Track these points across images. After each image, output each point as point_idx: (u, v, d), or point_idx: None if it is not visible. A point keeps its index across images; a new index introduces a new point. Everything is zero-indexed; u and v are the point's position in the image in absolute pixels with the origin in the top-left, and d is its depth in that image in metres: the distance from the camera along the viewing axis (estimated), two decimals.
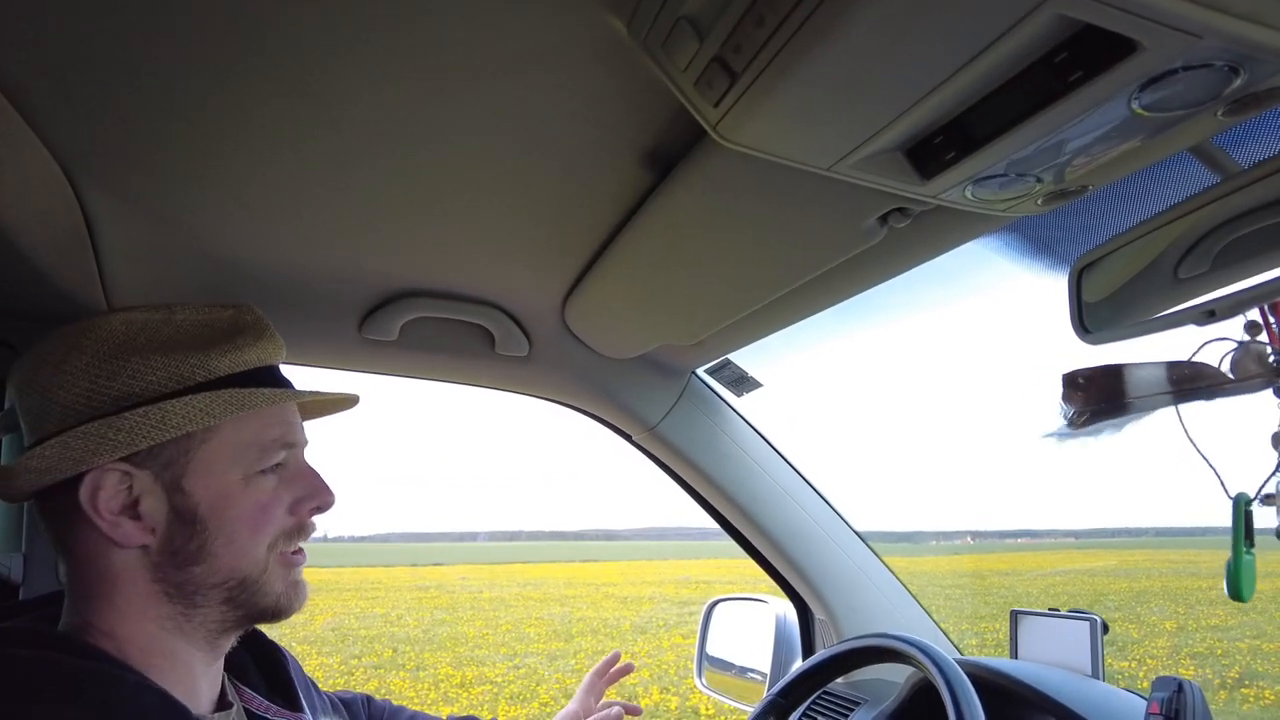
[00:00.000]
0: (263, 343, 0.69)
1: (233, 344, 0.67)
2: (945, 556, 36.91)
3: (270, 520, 0.66)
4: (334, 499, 0.70)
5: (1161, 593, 15.64)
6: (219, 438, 0.64)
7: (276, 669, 0.78)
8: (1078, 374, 0.69)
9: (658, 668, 9.68)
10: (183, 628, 0.64)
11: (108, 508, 0.62)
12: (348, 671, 9.55)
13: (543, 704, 8.12)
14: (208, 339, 0.67)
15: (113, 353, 0.63)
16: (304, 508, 0.69)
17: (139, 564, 0.63)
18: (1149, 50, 0.43)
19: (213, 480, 0.64)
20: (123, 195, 0.80)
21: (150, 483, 0.63)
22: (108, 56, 0.59)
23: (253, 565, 0.65)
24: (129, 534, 0.62)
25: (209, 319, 0.68)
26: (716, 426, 1.36)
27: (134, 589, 0.63)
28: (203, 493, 0.63)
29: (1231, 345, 0.63)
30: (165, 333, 0.65)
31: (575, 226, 0.89)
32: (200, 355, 0.65)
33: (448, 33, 0.57)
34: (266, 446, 0.66)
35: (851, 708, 1.19)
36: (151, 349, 0.64)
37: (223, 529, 0.64)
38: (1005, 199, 0.63)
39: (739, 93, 0.52)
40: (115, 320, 0.65)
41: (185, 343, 0.65)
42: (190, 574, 0.63)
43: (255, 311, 0.72)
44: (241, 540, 0.64)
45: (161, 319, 0.66)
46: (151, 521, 0.63)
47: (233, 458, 0.65)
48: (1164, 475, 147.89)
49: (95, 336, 0.64)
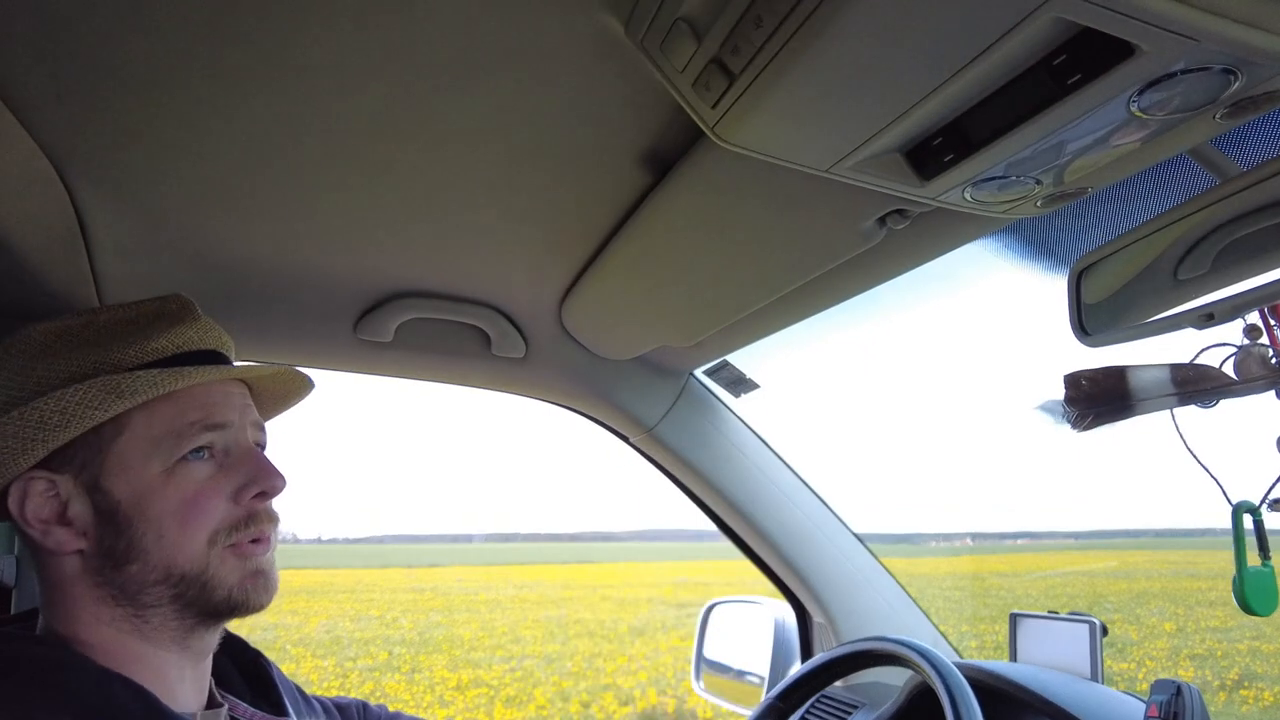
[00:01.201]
0: (178, 329, 0.66)
1: (142, 334, 0.64)
2: (944, 558, 36.92)
3: (202, 510, 0.63)
4: (282, 482, 0.66)
5: (1161, 594, 15.66)
6: (130, 431, 0.62)
7: (260, 674, 0.77)
8: (1080, 375, 0.69)
9: (655, 670, 9.68)
10: (141, 630, 0.63)
11: (36, 516, 0.61)
12: (343, 674, 9.53)
13: (539, 706, 8.11)
14: (121, 334, 0.65)
15: (24, 363, 0.63)
16: (246, 494, 0.65)
17: (81, 569, 0.62)
18: (1147, 53, 0.43)
19: (130, 475, 0.62)
20: (115, 193, 0.79)
21: (72, 486, 0.62)
22: (101, 54, 0.59)
23: (190, 561, 0.62)
24: (61, 541, 0.61)
25: (133, 314, 0.67)
26: (714, 428, 1.36)
27: (82, 594, 0.62)
28: (122, 490, 0.61)
29: (1232, 349, 0.62)
30: (84, 335, 0.64)
31: (572, 227, 0.89)
32: (104, 350, 0.63)
33: (443, 31, 0.57)
34: (183, 432, 0.63)
35: (850, 711, 1.19)
36: (61, 352, 0.63)
37: (149, 525, 0.61)
38: (1004, 201, 0.63)
39: (737, 94, 0.52)
40: (40, 328, 0.65)
41: (98, 341, 0.64)
42: (128, 573, 0.62)
43: (182, 299, 0.69)
44: (172, 535, 0.62)
45: (83, 322, 0.65)
46: (81, 526, 0.62)
47: (148, 450, 0.62)
48: (1163, 477, 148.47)
49: (17, 347, 0.64)
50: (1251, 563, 0.64)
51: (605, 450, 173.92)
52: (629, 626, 13.41)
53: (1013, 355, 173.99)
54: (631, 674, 9.54)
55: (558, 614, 15.32)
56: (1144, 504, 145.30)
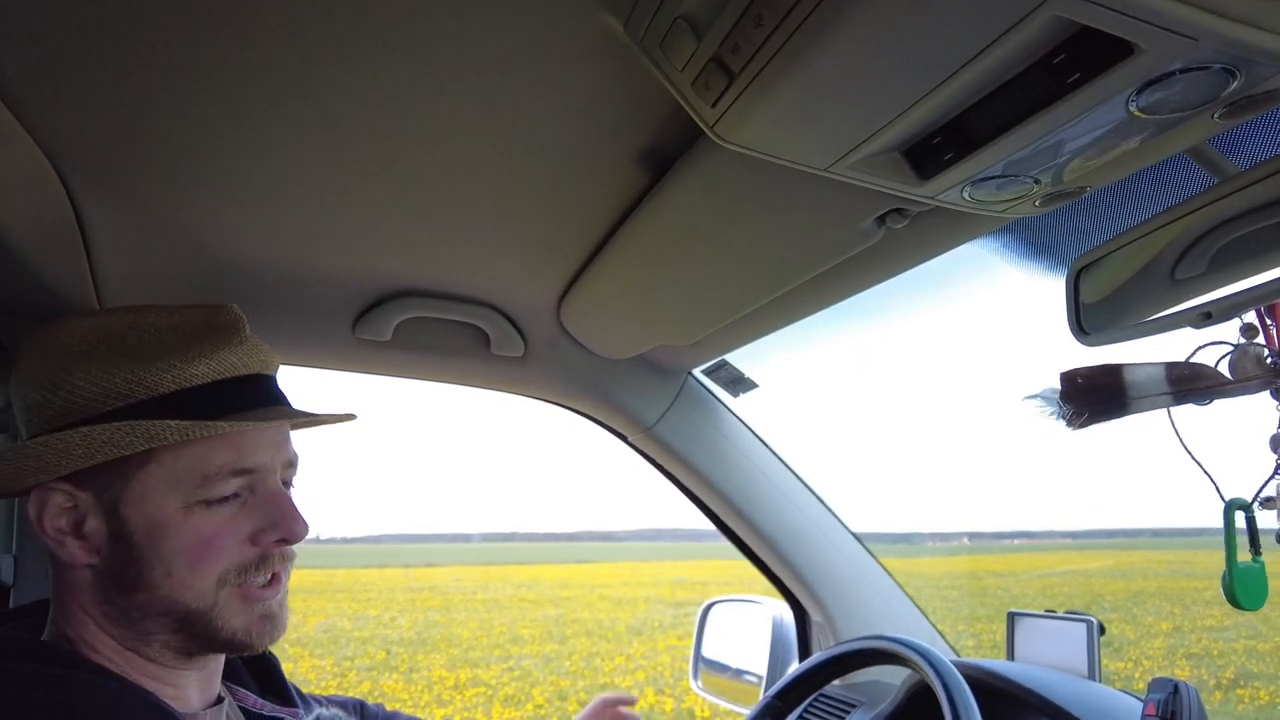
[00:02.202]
0: (223, 353, 0.64)
1: (183, 357, 0.62)
2: (942, 557, 37.00)
3: (216, 553, 0.61)
4: (304, 529, 0.64)
5: (1157, 593, 15.69)
6: (157, 462, 0.60)
7: (269, 670, 0.78)
8: (1076, 373, 0.69)
9: (653, 669, 9.68)
10: (141, 650, 0.62)
11: (53, 525, 0.61)
12: (340, 674, 9.52)
13: (537, 706, 8.10)
14: (163, 351, 0.62)
15: (60, 364, 0.62)
16: (266, 538, 0.63)
17: (91, 582, 0.62)
18: (1146, 52, 0.43)
19: (148, 507, 0.60)
20: (114, 192, 0.79)
21: (91, 504, 0.61)
22: (99, 52, 0.59)
23: (198, 599, 0.61)
24: (73, 553, 0.61)
25: (181, 322, 0.65)
26: (713, 427, 1.36)
27: (89, 606, 0.62)
28: (138, 519, 0.60)
29: (1228, 348, 0.63)
30: (127, 343, 0.63)
31: (571, 226, 0.89)
32: (142, 371, 0.61)
33: (443, 30, 0.57)
34: (211, 475, 0.61)
35: (848, 710, 1.19)
36: (98, 362, 0.61)
37: (159, 559, 0.60)
38: (1003, 200, 0.63)
39: (736, 93, 0.52)
40: (80, 325, 0.63)
41: (138, 355, 0.62)
42: (133, 600, 0.61)
43: (232, 312, 0.66)
44: (181, 573, 0.60)
45: (127, 324, 0.63)
46: (95, 543, 0.61)
47: (171, 484, 0.60)
48: (1160, 476, 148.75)
49: (54, 342, 0.63)
50: (1242, 559, 0.64)
51: (604, 450, 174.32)
52: (627, 626, 13.41)
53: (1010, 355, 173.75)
54: (629, 673, 9.53)
55: (556, 613, 15.32)
56: (1141, 503, 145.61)
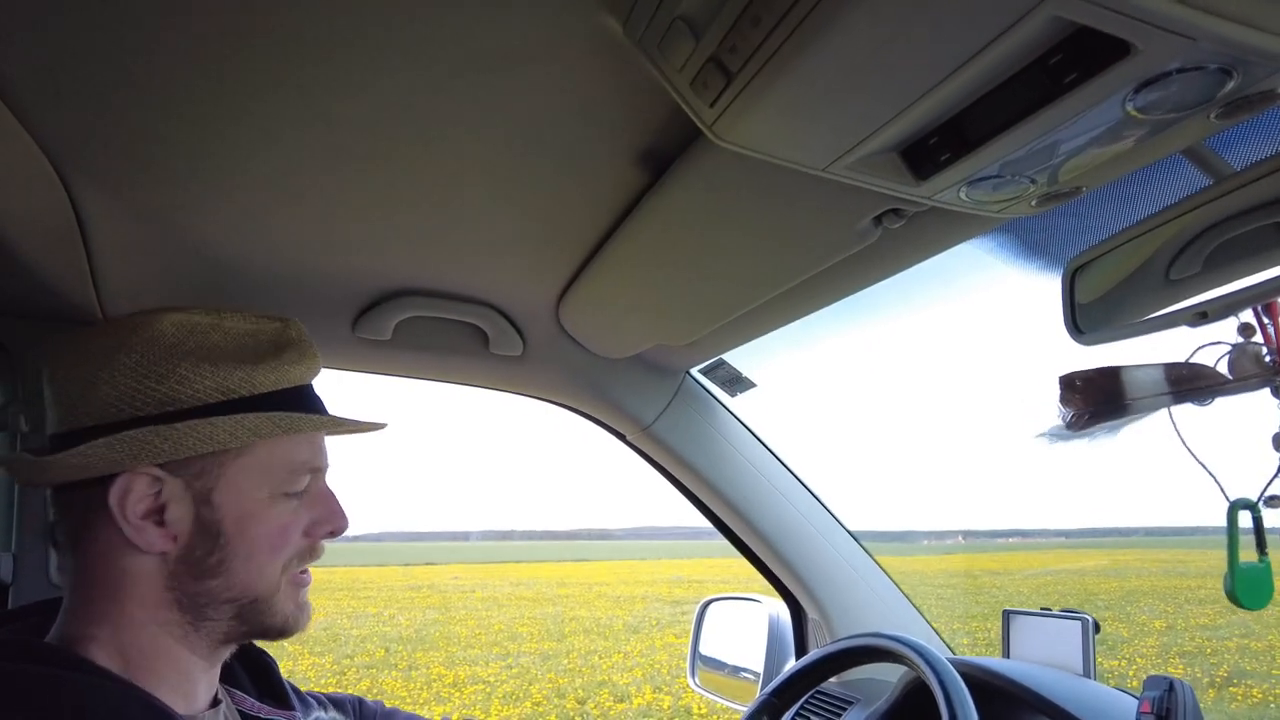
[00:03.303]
0: (306, 361, 0.70)
1: (278, 360, 0.67)
2: (937, 556, 37.06)
3: (286, 542, 0.66)
4: (348, 524, 0.71)
5: (1151, 592, 15.75)
6: (253, 455, 0.65)
7: (266, 672, 0.78)
8: (1075, 376, 0.69)
9: (650, 667, 9.69)
10: (188, 636, 0.64)
11: (134, 511, 0.61)
12: (340, 671, 9.52)
13: (535, 703, 8.11)
14: (254, 351, 0.67)
15: (162, 355, 0.63)
16: (319, 530, 0.69)
17: (156, 570, 0.63)
18: (1144, 52, 0.43)
19: (241, 497, 0.64)
20: (114, 192, 0.79)
21: (180, 491, 0.62)
22: (99, 53, 0.59)
23: (267, 584, 0.65)
24: (151, 540, 0.62)
25: (254, 329, 0.68)
26: (710, 426, 1.36)
27: (146, 594, 0.63)
28: (229, 508, 0.64)
29: (1226, 347, 0.63)
30: (213, 339, 0.65)
31: (570, 225, 0.89)
32: (247, 369, 0.65)
33: (441, 29, 0.57)
34: (296, 469, 0.67)
35: (845, 707, 1.19)
36: (199, 356, 0.64)
37: (243, 545, 0.64)
38: (999, 200, 0.63)
39: (735, 92, 0.52)
40: (166, 321, 0.65)
41: (232, 353, 0.65)
42: (206, 586, 0.63)
43: (300, 328, 0.72)
44: (260, 559, 0.65)
45: (210, 324, 0.66)
46: (175, 529, 0.62)
47: (263, 477, 0.65)
48: (1154, 475, 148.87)
49: (145, 336, 0.63)
50: (1245, 558, 0.64)
51: (602, 449, 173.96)
52: (625, 624, 13.42)
53: (1006, 354, 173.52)
54: (627, 670, 9.55)
55: (554, 611, 15.33)
56: (1135, 502, 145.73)
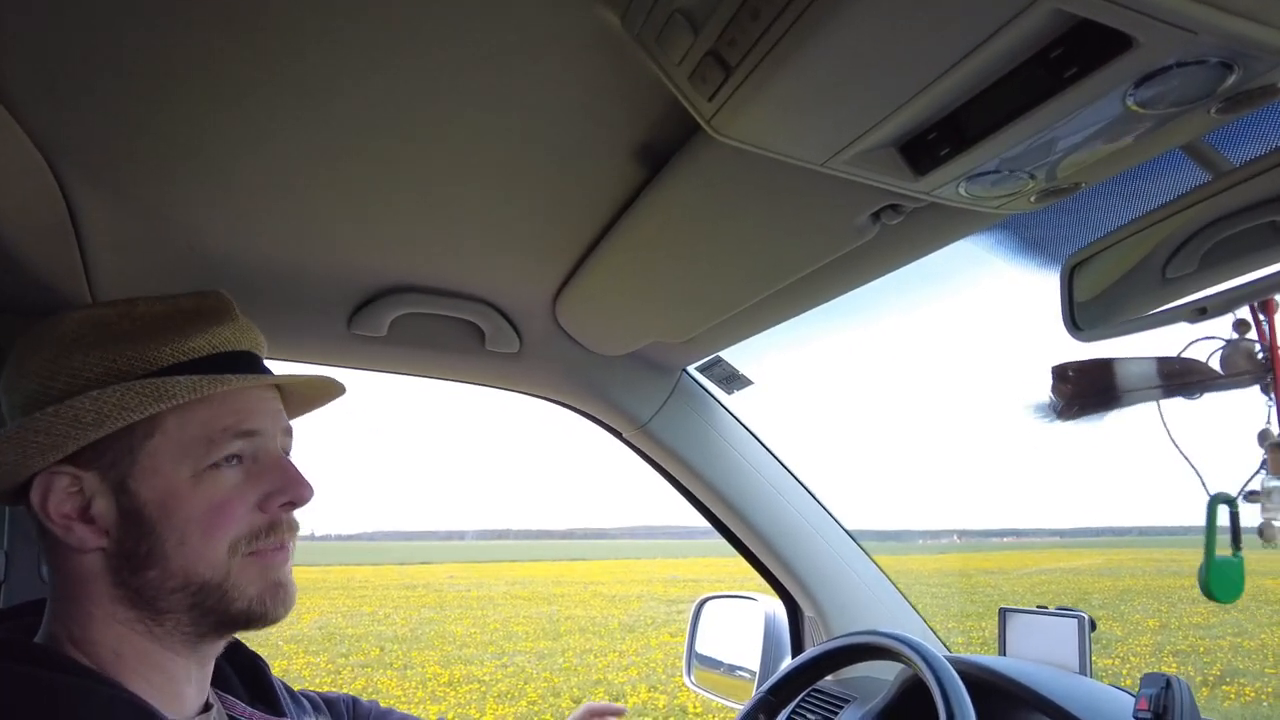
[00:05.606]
0: (217, 329, 0.65)
1: (180, 333, 0.63)
2: (932, 555, 37.19)
3: (228, 520, 0.62)
4: (310, 492, 0.66)
5: (1145, 591, 15.82)
6: (162, 433, 0.61)
7: (257, 676, 0.77)
8: (1067, 367, 0.69)
9: (646, 666, 9.69)
10: (154, 633, 0.62)
11: (58, 511, 0.60)
12: (335, 670, 9.50)
13: (530, 702, 8.11)
14: (160, 330, 0.63)
15: (59, 351, 0.61)
16: (274, 503, 0.64)
17: (101, 568, 0.61)
18: (1144, 46, 0.43)
19: (158, 480, 0.61)
20: (107, 187, 0.78)
21: (98, 484, 0.61)
22: (92, 47, 0.58)
23: (211, 569, 0.61)
24: (82, 538, 0.60)
25: (172, 309, 0.65)
26: (707, 424, 1.36)
27: (99, 593, 0.61)
28: (149, 493, 0.60)
29: (1219, 343, 0.63)
30: (121, 327, 0.63)
31: (567, 221, 0.89)
32: (142, 346, 0.61)
33: (437, 23, 0.57)
34: (215, 438, 0.62)
35: (841, 705, 1.19)
36: (96, 345, 0.61)
37: (173, 530, 0.60)
38: (998, 196, 0.63)
39: (733, 87, 0.52)
40: (73, 317, 0.63)
41: (132, 336, 0.62)
42: (146, 578, 0.60)
43: (221, 297, 0.68)
44: (194, 542, 0.61)
45: (119, 313, 0.64)
46: (104, 524, 0.61)
47: (179, 454, 0.61)
48: (1148, 475, 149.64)
49: (51, 335, 0.62)
50: (1222, 554, 0.64)
51: (598, 447, 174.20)
52: (620, 623, 13.42)
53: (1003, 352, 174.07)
54: (623, 670, 9.54)
55: (549, 610, 15.32)
56: (1129, 502, 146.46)
